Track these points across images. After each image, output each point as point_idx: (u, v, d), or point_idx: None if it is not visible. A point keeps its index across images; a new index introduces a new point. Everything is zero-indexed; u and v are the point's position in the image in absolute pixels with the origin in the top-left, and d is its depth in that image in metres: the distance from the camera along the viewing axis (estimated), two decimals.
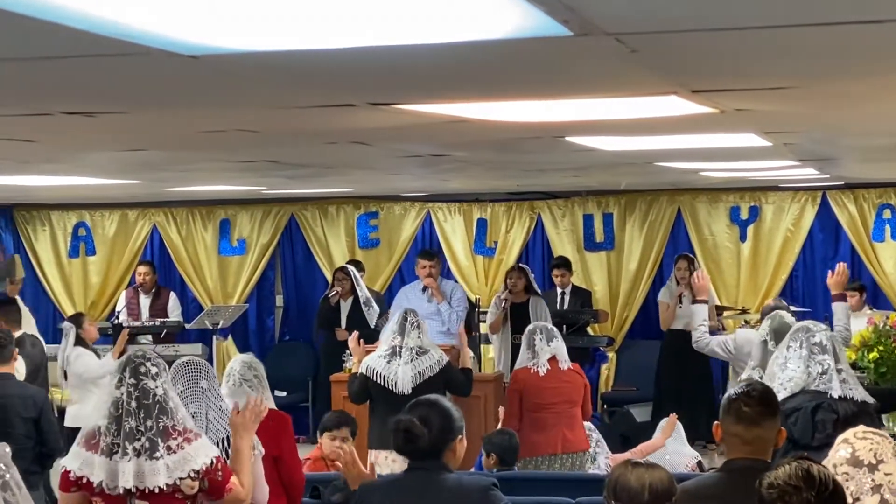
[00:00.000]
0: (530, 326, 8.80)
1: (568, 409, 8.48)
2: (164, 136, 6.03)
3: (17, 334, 9.03)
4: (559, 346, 8.52)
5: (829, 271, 8.75)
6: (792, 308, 9.18)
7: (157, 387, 4.98)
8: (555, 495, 6.86)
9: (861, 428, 4.14)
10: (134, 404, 4.94)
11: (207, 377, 5.73)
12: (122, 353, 8.17)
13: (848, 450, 3.92)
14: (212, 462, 5.01)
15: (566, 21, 2.72)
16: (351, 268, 12.37)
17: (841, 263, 8.95)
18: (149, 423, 4.92)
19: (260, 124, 5.52)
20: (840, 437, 4.04)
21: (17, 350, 8.31)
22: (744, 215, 14.47)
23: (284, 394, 13.18)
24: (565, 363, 8.50)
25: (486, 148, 7.38)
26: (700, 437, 11.25)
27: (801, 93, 4.54)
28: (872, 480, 3.82)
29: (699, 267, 12.85)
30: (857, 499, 3.80)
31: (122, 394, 4.95)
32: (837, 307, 8.39)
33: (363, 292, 11.88)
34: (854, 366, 7.99)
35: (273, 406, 6.77)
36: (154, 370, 5.01)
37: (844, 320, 8.22)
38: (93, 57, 3.14)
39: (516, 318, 11.68)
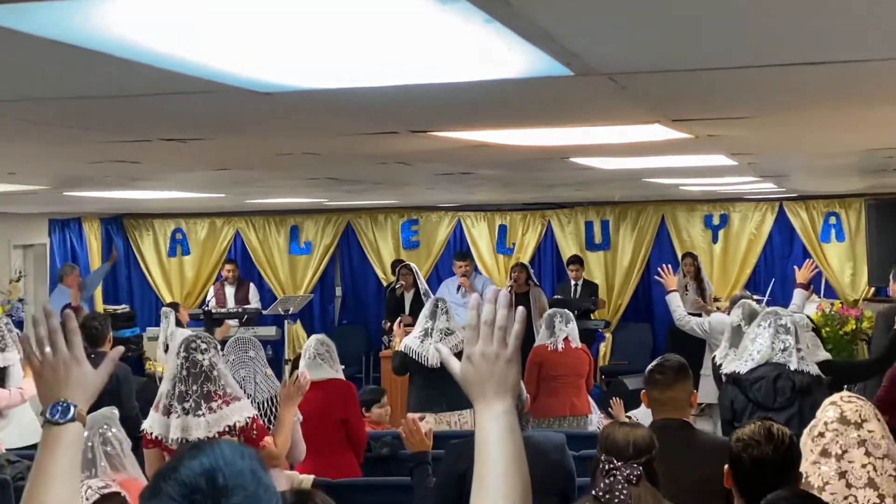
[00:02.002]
0: (550, 311, 8.83)
1: (575, 380, 8.54)
2: (244, 158, 6.03)
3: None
4: (573, 329, 8.56)
5: (795, 267, 8.87)
6: (755, 297, 9.19)
7: (204, 359, 5.03)
8: None
9: (845, 393, 4.11)
10: (185, 373, 5.00)
11: (254, 349, 5.88)
12: (224, 339, 8.16)
13: (837, 410, 3.87)
14: (247, 422, 5.03)
15: (569, 63, 2.71)
16: (413, 265, 12.43)
17: (809, 260, 9.11)
18: (195, 387, 4.97)
19: (322, 148, 5.51)
20: (827, 401, 3.99)
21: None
22: (715, 221, 14.43)
23: (343, 367, 13.14)
24: (576, 343, 8.54)
25: (505, 167, 7.36)
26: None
27: (760, 122, 4.51)
28: (858, 436, 3.78)
29: (701, 264, 12.88)
30: (846, 451, 3.76)
31: (178, 365, 5.01)
32: (797, 293, 8.49)
33: (423, 285, 11.95)
34: None
35: (342, 377, 6.97)
36: (203, 346, 5.08)
37: (799, 304, 8.31)
38: (183, 94, 3.15)
39: (518, 305, 11.78)
